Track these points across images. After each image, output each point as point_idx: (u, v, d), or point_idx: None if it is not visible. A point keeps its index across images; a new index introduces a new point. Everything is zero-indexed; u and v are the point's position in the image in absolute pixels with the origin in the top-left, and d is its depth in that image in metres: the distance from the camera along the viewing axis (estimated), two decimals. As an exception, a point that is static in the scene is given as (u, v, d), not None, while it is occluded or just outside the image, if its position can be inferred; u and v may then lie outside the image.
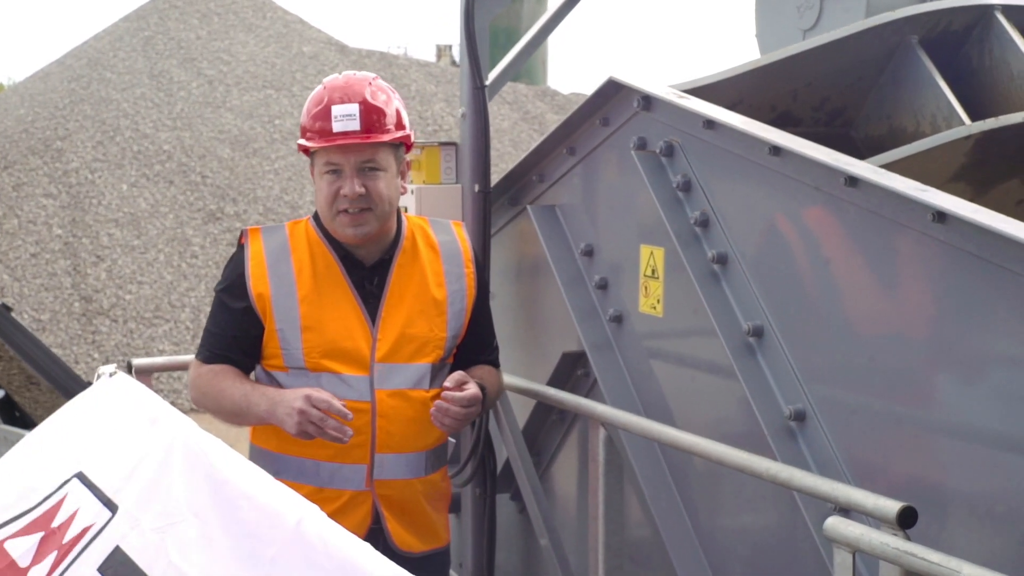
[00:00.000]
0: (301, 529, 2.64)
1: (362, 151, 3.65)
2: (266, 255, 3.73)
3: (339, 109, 3.65)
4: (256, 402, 3.61)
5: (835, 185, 3.55)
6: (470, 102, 4.90)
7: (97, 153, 21.22)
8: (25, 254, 19.54)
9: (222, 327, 3.77)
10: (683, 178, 4.16)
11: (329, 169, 3.66)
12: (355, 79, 3.75)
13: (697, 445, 3.69)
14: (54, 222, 20.12)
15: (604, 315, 4.59)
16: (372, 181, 3.65)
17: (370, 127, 3.65)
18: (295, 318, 3.67)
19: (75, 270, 19.63)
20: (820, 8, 4.86)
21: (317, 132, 3.67)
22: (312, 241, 3.76)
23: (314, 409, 3.47)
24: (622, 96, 4.43)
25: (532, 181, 4.99)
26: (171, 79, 22.82)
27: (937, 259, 3.29)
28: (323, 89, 3.74)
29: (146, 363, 4.74)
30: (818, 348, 3.71)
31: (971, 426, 3.25)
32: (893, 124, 4.66)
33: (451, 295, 3.82)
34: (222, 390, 3.69)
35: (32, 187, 20.47)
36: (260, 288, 3.69)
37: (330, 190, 3.66)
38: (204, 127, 22.11)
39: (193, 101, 22.52)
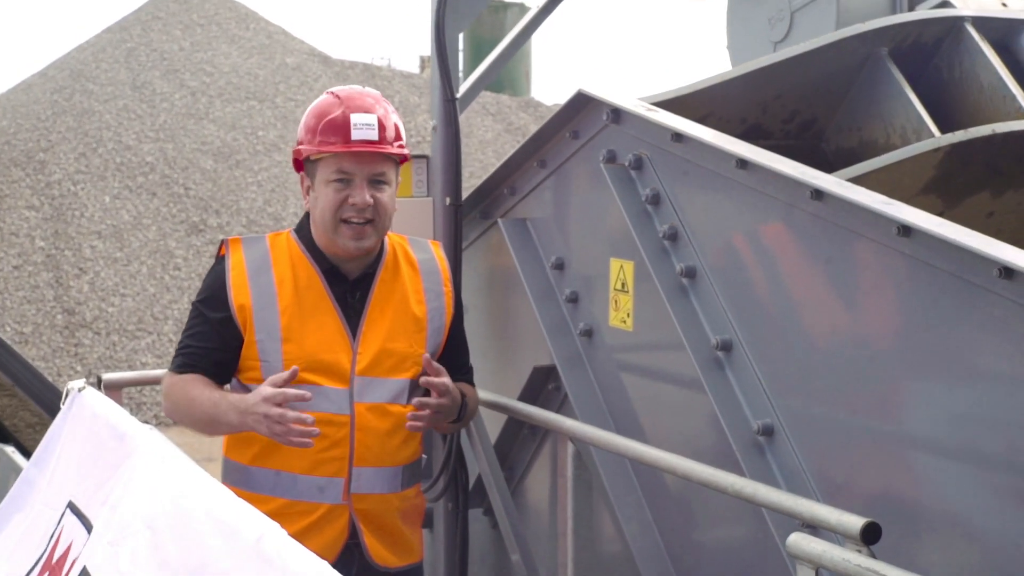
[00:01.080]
0: (261, 546, 2.60)
1: (375, 162, 3.66)
2: (247, 266, 3.70)
3: (359, 118, 3.64)
4: (225, 411, 3.56)
5: (801, 198, 3.54)
6: (441, 114, 4.88)
7: (80, 165, 21.22)
8: (7, 266, 19.51)
9: (199, 339, 3.72)
10: (652, 191, 4.15)
11: (339, 177, 3.64)
12: (365, 92, 3.78)
13: (663, 460, 3.67)
14: (36, 234, 20.10)
15: (575, 329, 4.57)
16: (380, 193, 3.67)
17: (384, 139, 3.67)
18: (275, 329, 3.65)
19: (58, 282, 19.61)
20: (791, 20, 4.85)
21: (333, 139, 3.65)
22: (294, 253, 3.74)
23: (274, 408, 3.42)
24: (591, 109, 4.42)
25: (503, 194, 4.97)
26: (154, 90, 22.82)
27: (903, 273, 3.28)
28: (335, 99, 3.72)
29: (116, 378, 4.71)
30: (786, 362, 3.70)
31: (939, 441, 3.24)
32: (863, 136, 4.65)
33: (430, 312, 3.81)
34: (192, 399, 3.64)
35: (14, 199, 20.45)
36: (241, 299, 3.66)
37: (337, 198, 3.63)
38: (187, 139, 22.11)
39: (176, 113, 22.53)
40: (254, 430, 3.51)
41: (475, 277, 5.14)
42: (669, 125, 4.03)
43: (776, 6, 4.92)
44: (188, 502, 2.70)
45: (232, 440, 3.78)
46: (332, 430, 3.63)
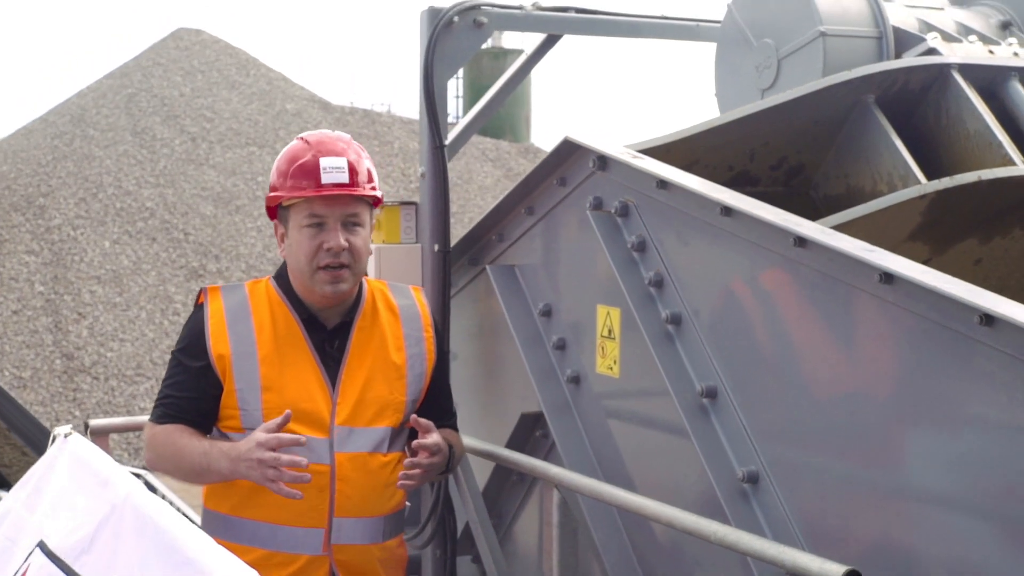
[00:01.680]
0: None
1: (348, 204, 3.64)
2: (226, 314, 3.69)
3: (328, 161, 3.64)
4: (216, 459, 3.53)
5: (785, 246, 3.54)
6: (429, 162, 4.90)
7: (80, 210, 21.26)
8: (6, 311, 19.51)
9: (179, 388, 3.69)
10: (638, 238, 4.15)
11: (312, 222, 3.63)
12: (336, 136, 3.77)
13: (647, 507, 3.66)
14: (36, 279, 20.11)
15: (562, 376, 4.56)
16: (354, 236, 3.65)
17: (355, 182, 3.66)
18: (255, 378, 3.63)
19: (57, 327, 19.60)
20: (778, 68, 4.86)
21: (303, 184, 3.65)
22: (273, 301, 3.73)
23: (268, 453, 3.40)
24: (578, 156, 4.43)
25: (492, 241, 4.97)
26: (154, 136, 22.89)
27: (887, 320, 3.27)
28: (304, 144, 3.72)
29: (103, 424, 4.71)
30: (771, 409, 3.69)
31: (926, 488, 3.22)
32: (851, 183, 4.64)
33: (411, 359, 3.79)
34: (180, 449, 3.61)
35: (14, 244, 20.48)
36: (220, 347, 3.64)
37: (312, 244, 3.62)
38: (187, 184, 22.16)
39: (176, 158, 22.60)
40: (246, 477, 3.48)
41: (464, 324, 5.14)
42: (654, 172, 4.04)
43: (763, 53, 4.93)
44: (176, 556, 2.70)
45: (212, 490, 3.75)
46: (313, 480, 3.60)
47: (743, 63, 5.04)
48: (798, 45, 4.78)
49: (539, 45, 5.38)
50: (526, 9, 5.12)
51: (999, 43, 4.98)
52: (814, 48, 4.73)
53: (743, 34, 5.03)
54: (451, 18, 4.87)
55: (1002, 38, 5.07)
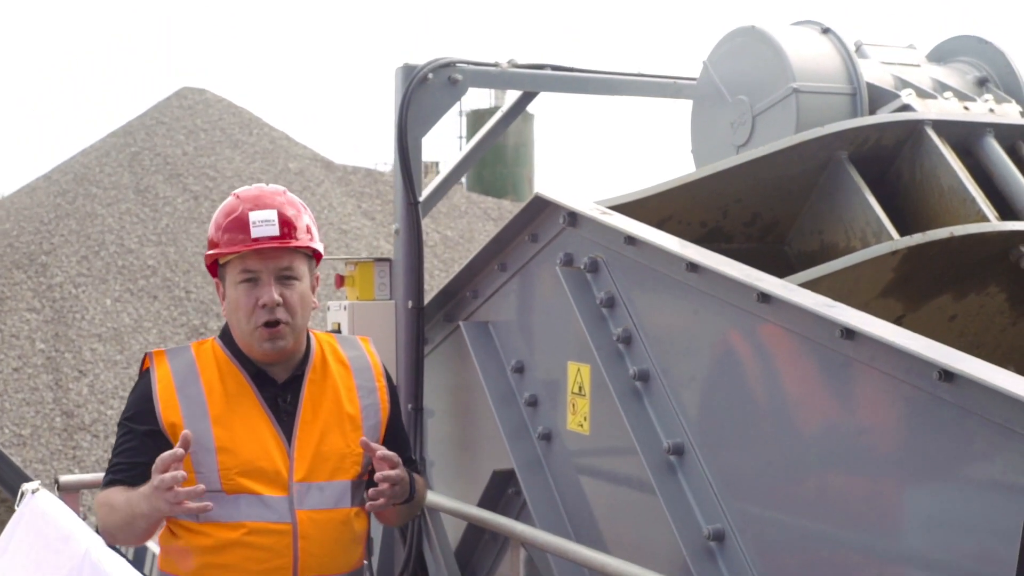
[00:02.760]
0: None
1: (280, 257, 3.57)
2: (173, 378, 3.61)
3: (257, 215, 3.58)
4: (137, 503, 3.42)
5: (749, 301, 3.53)
6: (403, 218, 4.89)
7: (81, 268, 21.29)
8: (7, 368, 19.50)
9: (129, 455, 3.57)
10: (607, 294, 4.13)
11: (245, 278, 3.57)
12: (267, 190, 3.70)
13: (609, 565, 3.62)
14: (37, 336, 20.11)
15: (534, 432, 4.53)
16: (289, 290, 3.58)
17: (287, 235, 3.60)
18: (208, 440, 3.55)
19: (57, 385, 19.59)
20: (752, 124, 4.85)
21: (234, 240, 3.61)
22: (220, 360, 3.66)
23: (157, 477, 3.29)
24: (549, 212, 4.42)
25: (466, 297, 4.96)
26: (157, 194, 22.96)
27: (848, 376, 3.25)
28: (235, 200, 3.67)
29: (73, 480, 4.67)
30: (737, 466, 3.66)
31: (893, 548, 3.18)
32: (824, 239, 4.63)
33: (364, 409, 3.74)
34: (112, 504, 3.52)
35: (16, 301, 20.50)
36: (170, 414, 3.55)
37: (248, 301, 3.56)
38: (189, 242, 22.20)
39: (178, 216, 22.65)
40: (161, 512, 3.38)
41: (439, 381, 5.11)
42: (622, 228, 4.02)
43: (738, 110, 4.93)
44: None
45: (168, 553, 3.68)
46: (274, 540, 3.53)
47: (718, 120, 5.04)
48: (772, 102, 4.78)
49: (515, 102, 5.39)
50: (501, 66, 5.13)
51: (975, 99, 4.98)
52: (787, 105, 4.73)
53: (718, 91, 5.04)
54: (426, 75, 4.88)
55: (978, 95, 5.07)
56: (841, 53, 4.91)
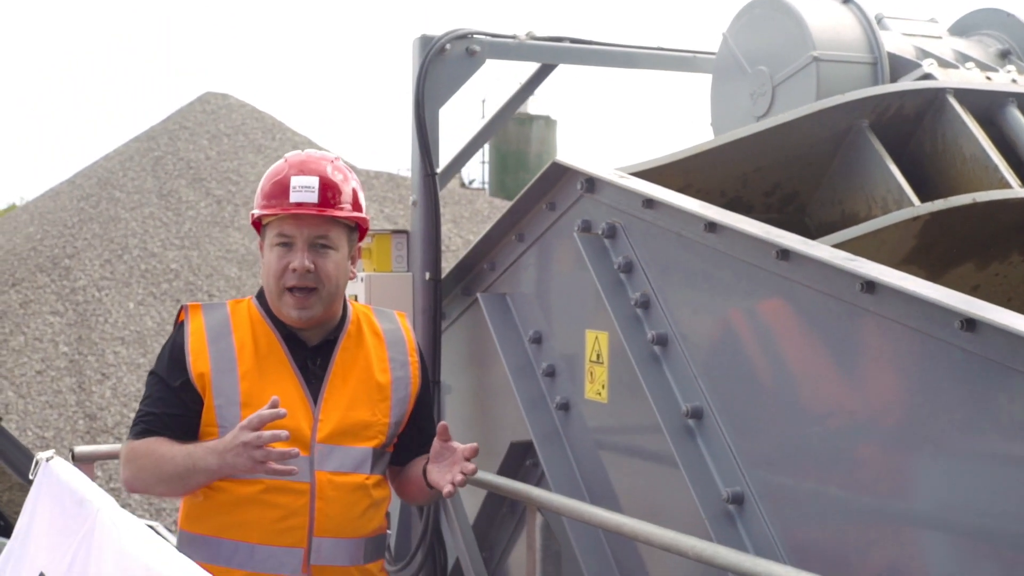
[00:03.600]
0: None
1: (316, 225, 3.58)
2: (206, 331, 3.63)
3: (298, 180, 3.58)
4: (202, 457, 3.43)
5: (768, 259, 3.48)
6: (421, 189, 4.87)
7: (105, 271, 21.32)
8: (31, 371, 19.53)
9: (159, 405, 3.60)
10: (625, 260, 4.09)
11: (280, 241, 3.58)
12: (316, 156, 3.71)
13: (625, 525, 3.58)
14: (60, 339, 20.14)
15: (551, 403, 4.49)
16: (322, 259, 3.58)
17: (326, 202, 3.59)
18: (235, 394, 3.55)
19: (80, 388, 19.61)
20: (772, 95, 4.81)
21: (273, 202, 3.61)
22: (255, 319, 3.67)
23: (251, 434, 3.31)
24: (567, 180, 4.39)
25: (484, 270, 4.92)
26: (180, 199, 22.98)
27: (869, 331, 3.20)
28: (283, 163, 3.68)
29: (88, 451, 4.66)
30: (756, 428, 3.61)
31: (913, 510, 3.13)
32: (845, 209, 4.58)
33: (395, 381, 3.73)
34: (162, 456, 3.51)
35: (39, 304, 20.53)
36: (200, 366, 3.57)
37: (279, 264, 3.57)
38: (212, 246, 22.21)
39: (201, 220, 22.66)
40: (235, 468, 3.38)
41: (457, 355, 5.08)
42: (640, 191, 3.99)
43: (758, 81, 4.88)
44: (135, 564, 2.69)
45: (188, 512, 3.67)
46: (291, 498, 3.53)
47: (738, 91, 5.00)
48: (792, 71, 4.74)
49: (533, 75, 5.36)
50: (519, 38, 5.10)
51: (997, 70, 4.93)
52: (807, 73, 4.68)
53: (738, 62, 5.00)
54: (443, 46, 4.85)
55: (1001, 66, 5.02)
56: (862, 22, 4.86)
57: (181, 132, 24.74)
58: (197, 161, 24.01)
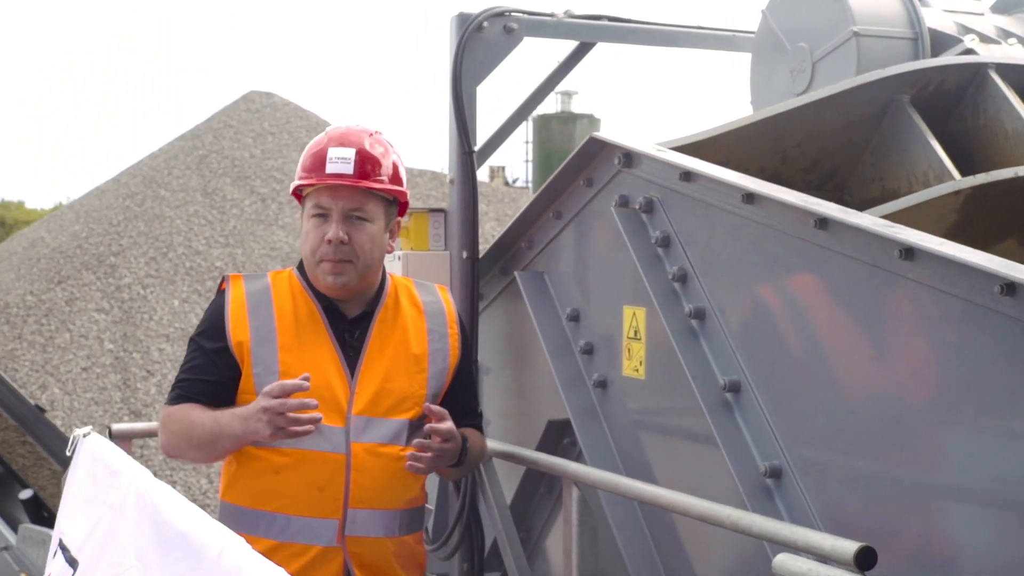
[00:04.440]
0: (221, 560, 2.58)
1: (351, 197, 3.59)
2: (247, 299, 3.65)
3: (335, 152, 3.61)
4: (228, 423, 3.47)
5: (806, 229, 3.45)
6: (458, 168, 4.86)
7: (150, 269, 21.41)
8: (76, 368, 19.64)
9: (197, 371, 3.64)
10: (662, 234, 4.07)
11: (317, 212, 3.61)
12: (357, 128, 3.73)
13: (661, 496, 3.56)
14: (106, 336, 20.24)
15: (589, 381, 4.47)
16: (357, 231, 3.60)
17: (363, 174, 3.60)
18: (273, 363, 3.57)
19: (125, 385, 19.70)
20: (812, 71, 4.77)
21: (310, 173, 3.62)
22: (295, 290, 3.69)
23: (273, 400, 3.33)
24: (604, 155, 4.36)
25: (521, 249, 4.91)
26: (224, 197, 23.06)
27: (908, 300, 3.16)
28: (324, 135, 3.71)
29: (125, 428, 4.67)
30: (794, 401, 3.57)
31: (955, 478, 3.09)
32: (886, 186, 4.53)
33: (433, 353, 3.73)
34: (191, 422, 3.56)
35: (85, 302, 20.65)
36: (239, 334, 3.60)
37: (316, 235, 3.60)
38: (256, 244, 22.27)
39: (245, 219, 22.73)
40: (257, 434, 3.41)
41: (495, 335, 5.07)
42: (677, 163, 3.96)
43: (798, 57, 4.84)
44: (169, 530, 2.70)
45: (227, 483, 3.70)
46: (328, 469, 3.54)
47: (778, 69, 4.97)
48: (832, 47, 4.70)
49: (571, 53, 5.34)
50: (557, 16, 5.08)
51: (1040, 47, 4.88)
52: (848, 49, 4.64)
53: (778, 39, 4.96)
54: (480, 23, 4.84)
55: (1044, 43, 4.96)
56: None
57: (226, 131, 24.82)
58: (241, 159, 24.09)
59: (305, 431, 3.36)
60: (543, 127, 27.44)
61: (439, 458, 3.58)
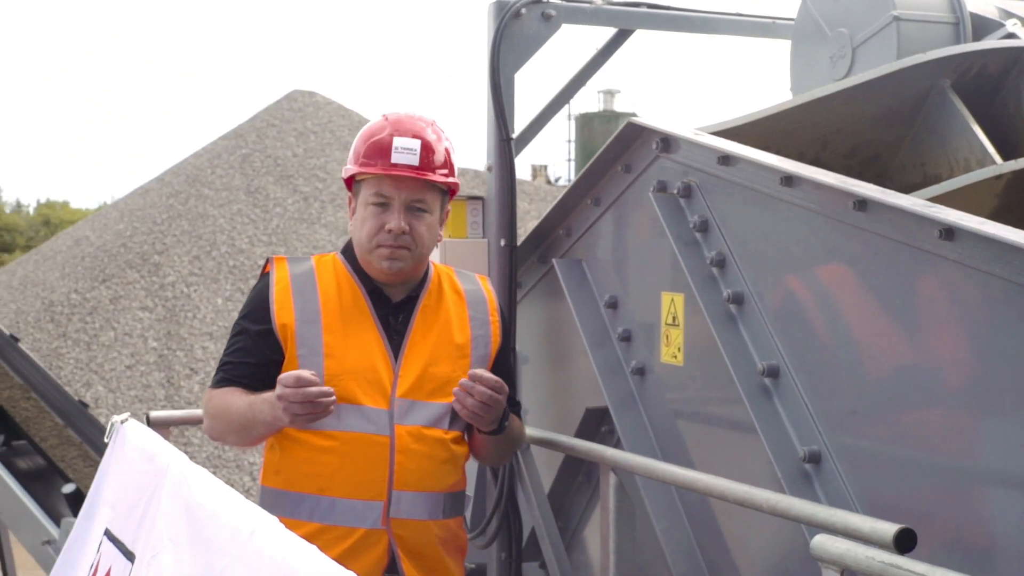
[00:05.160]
0: (253, 540, 2.58)
1: (415, 188, 3.61)
2: (291, 281, 3.67)
3: (401, 141, 3.62)
4: (259, 408, 3.50)
5: (845, 211, 3.41)
6: (496, 155, 4.84)
7: (193, 267, 21.52)
8: (120, 366, 19.75)
9: (241, 354, 3.67)
10: (700, 218, 4.04)
11: (377, 200, 3.62)
12: (417, 117, 3.74)
13: (699, 481, 3.53)
14: (150, 335, 20.34)
15: (627, 368, 4.44)
16: (417, 221, 3.63)
17: (426, 165, 3.62)
18: (318, 345, 3.59)
19: (169, 382, 19.80)
20: (852, 57, 4.73)
21: (374, 161, 3.62)
22: (340, 273, 3.71)
23: (288, 389, 3.36)
24: (642, 140, 4.34)
25: (560, 236, 4.89)
26: (267, 195, 23.14)
27: (948, 281, 3.11)
28: (384, 121, 3.71)
29: (163, 416, 4.68)
30: (833, 385, 3.54)
31: (996, 469, 3.04)
32: (927, 172, 4.49)
33: (475, 340, 3.75)
34: (229, 406, 3.59)
35: (129, 300, 20.77)
36: (284, 315, 3.62)
37: (376, 223, 3.61)
38: (299, 242, 22.34)
39: (288, 217, 22.80)
40: (281, 421, 3.45)
41: (533, 323, 5.05)
42: (715, 147, 3.94)
43: (838, 43, 4.80)
44: (202, 511, 2.72)
45: (269, 467, 3.71)
46: (371, 452, 3.55)
47: (818, 55, 4.93)
48: (872, 31, 4.66)
49: (609, 40, 5.31)
50: (596, 3, 5.06)
51: (1085, 31, 4.81)
52: (888, 34, 4.60)
53: (817, 25, 4.92)
54: (519, 9, 4.82)
55: (1087, 28, 4.89)
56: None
57: (268, 130, 24.92)
58: (284, 158, 24.17)
59: (324, 413, 3.39)
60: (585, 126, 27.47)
61: (485, 406, 3.55)
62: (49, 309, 20.14)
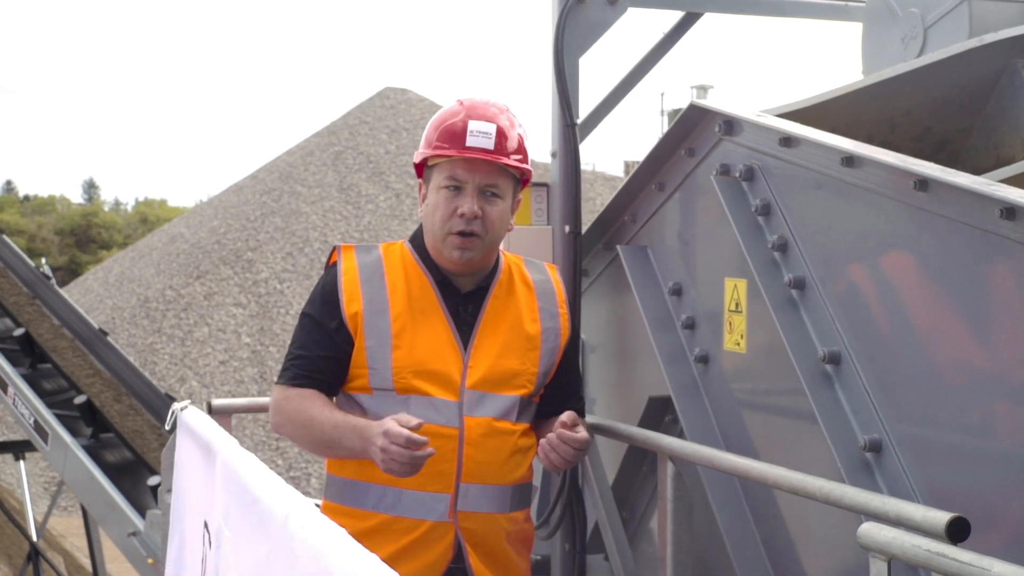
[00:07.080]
0: (287, 524, 2.57)
1: (488, 172, 3.57)
2: (360, 271, 3.62)
3: (476, 125, 3.57)
4: (347, 436, 3.43)
5: (906, 191, 3.31)
6: (560, 140, 4.79)
7: (286, 264, 21.71)
8: (214, 361, 19.97)
9: (310, 347, 3.61)
10: (762, 202, 3.96)
11: (450, 184, 3.57)
12: (491, 103, 3.69)
13: (753, 469, 3.45)
14: (243, 331, 20.56)
15: (691, 356, 4.37)
16: (490, 206, 3.58)
17: (500, 150, 3.58)
18: (386, 336, 3.54)
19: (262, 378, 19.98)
20: (924, 37, 4.62)
21: (448, 144, 3.58)
22: (408, 263, 3.66)
23: (394, 446, 3.27)
24: (705, 123, 4.26)
25: (625, 222, 4.82)
26: (359, 192, 23.29)
27: (1011, 262, 3.01)
28: (459, 105, 3.67)
29: (225, 404, 4.66)
30: (895, 371, 3.44)
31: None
32: (1000, 155, 4.36)
33: (545, 332, 3.69)
34: (312, 418, 3.52)
35: (223, 296, 21.01)
36: (353, 306, 3.57)
37: (448, 207, 3.56)
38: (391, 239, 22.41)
39: (380, 214, 22.95)
40: (369, 455, 3.38)
41: (599, 312, 4.99)
42: (777, 128, 3.85)
43: (909, 24, 4.69)
44: (248, 497, 2.71)
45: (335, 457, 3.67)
46: (440, 443, 3.47)
47: (889, 37, 4.82)
48: (944, 11, 4.55)
49: (677, 23, 5.24)
50: (663, -14, 5.00)
51: None
52: (960, 13, 4.49)
53: (889, 6, 4.82)
54: (583, -7, 4.76)
55: None
56: (1019, -41, 4.64)
57: (361, 127, 25.08)
58: (377, 155, 24.31)
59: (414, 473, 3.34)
60: (678, 121, 27.12)
61: (567, 462, 3.52)
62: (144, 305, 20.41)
